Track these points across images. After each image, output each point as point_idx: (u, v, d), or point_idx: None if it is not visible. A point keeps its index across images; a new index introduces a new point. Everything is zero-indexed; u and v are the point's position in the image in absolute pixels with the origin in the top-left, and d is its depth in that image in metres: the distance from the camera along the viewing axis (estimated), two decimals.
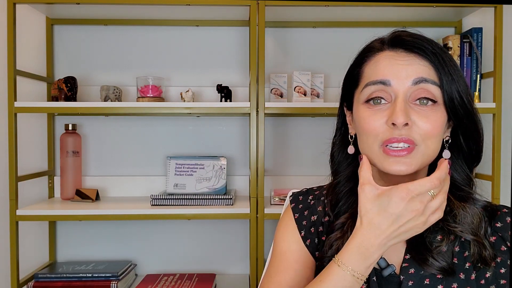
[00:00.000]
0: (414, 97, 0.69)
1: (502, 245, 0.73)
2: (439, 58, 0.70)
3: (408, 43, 0.71)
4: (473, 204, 0.73)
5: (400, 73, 0.70)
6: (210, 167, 1.63)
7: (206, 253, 1.76)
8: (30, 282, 1.51)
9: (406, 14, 1.62)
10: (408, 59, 0.70)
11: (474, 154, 0.75)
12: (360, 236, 0.67)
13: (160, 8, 1.55)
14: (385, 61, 0.71)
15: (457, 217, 0.72)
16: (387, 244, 0.66)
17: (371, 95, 0.71)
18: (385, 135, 0.69)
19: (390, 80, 0.70)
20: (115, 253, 1.74)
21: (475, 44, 1.55)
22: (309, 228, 0.83)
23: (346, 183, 0.80)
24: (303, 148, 1.76)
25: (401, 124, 0.67)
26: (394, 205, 0.65)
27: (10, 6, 1.41)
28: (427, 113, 0.69)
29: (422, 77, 0.69)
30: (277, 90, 1.61)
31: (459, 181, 0.75)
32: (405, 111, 0.67)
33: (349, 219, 0.77)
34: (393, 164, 0.69)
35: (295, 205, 0.87)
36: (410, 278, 0.71)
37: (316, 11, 1.59)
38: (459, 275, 0.71)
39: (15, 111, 1.42)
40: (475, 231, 0.71)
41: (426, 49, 0.70)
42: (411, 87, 0.69)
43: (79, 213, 1.45)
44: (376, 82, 0.71)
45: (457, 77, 0.71)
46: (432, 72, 0.70)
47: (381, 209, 0.66)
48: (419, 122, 0.68)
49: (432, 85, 0.69)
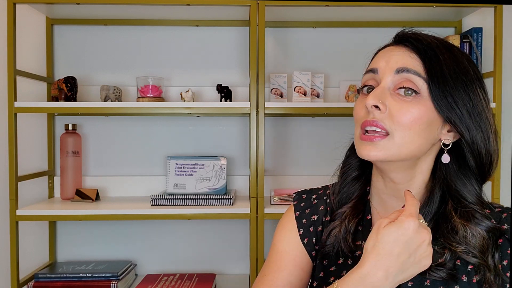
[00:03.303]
0: (397, 86, 0.70)
1: (508, 247, 0.71)
2: (430, 53, 0.70)
3: (406, 37, 0.73)
4: (476, 224, 0.69)
5: (388, 62, 0.72)
6: (210, 167, 1.63)
7: (206, 253, 1.76)
8: (30, 282, 1.52)
9: (406, 14, 1.62)
10: (399, 50, 0.72)
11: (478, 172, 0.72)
12: (368, 265, 0.63)
13: (160, 8, 1.55)
14: (381, 53, 0.75)
15: (459, 235, 0.69)
16: (396, 279, 0.63)
17: (364, 83, 0.75)
18: (362, 119, 0.71)
19: (377, 68, 0.73)
20: (115, 253, 1.74)
21: (475, 44, 1.55)
22: (308, 227, 0.84)
23: (353, 171, 0.82)
24: (303, 148, 1.76)
25: (369, 105, 0.69)
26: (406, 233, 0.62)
27: (10, 6, 1.41)
28: (406, 103, 0.69)
29: (404, 67, 0.70)
30: (277, 90, 1.61)
31: (464, 195, 0.71)
32: (378, 96, 0.69)
33: (349, 208, 0.79)
34: (363, 148, 0.71)
35: (298, 203, 0.88)
36: (410, 279, 0.71)
37: (316, 11, 1.59)
38: (461, 278, 0.70)
39: (15, 111, 1.42)
40: (477, 252, 0.69)
41: (417, 42, 0.71)
42: (394, 75, 0.71)
43: (79, 213, 1.45)
44: (368, 71, 0.75)
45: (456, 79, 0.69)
46: (419, 65, 0.70)
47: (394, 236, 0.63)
48: (393, 110, 0.69)
49: (415, 76, 0.69)
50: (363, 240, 0.78)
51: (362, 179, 0.82)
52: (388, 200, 0.78)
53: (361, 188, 0.81)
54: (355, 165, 0.81)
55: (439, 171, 0.74)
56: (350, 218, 0.78)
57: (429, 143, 0.71)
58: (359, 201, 0.80)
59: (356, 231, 0.79)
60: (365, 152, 0.70)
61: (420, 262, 0.64)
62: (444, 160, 0.72)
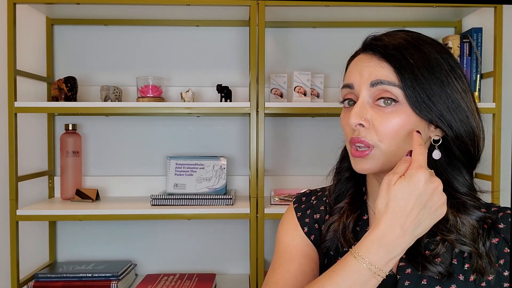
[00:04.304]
0: (375, 97, 0.71)
1: (505, 247, 0.71)
2: (400, 59, 0.69)
3: (374, 46, 0.72)
4: (467, 214, 0.70)
5: (361, 76, 0.72)
6: (210, 167, 1.63)
7: (206, 253, 1.76)
8: (30, 282, 1.52)
9: (406, 14, 1.62)
10: (370, 61, 0.72)
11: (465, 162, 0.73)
12: (383, 225, 0.63)
13: (160, 8, 1.55)
14: (354, 65, 0.75)
15: (450, 224, 0.70)
16: (413, 233, 0.63)
17: (344, 97, 0.76)
18: (349, 135, 0.74)
19: (353, 83, 0.74)
20: (115, 253, 1.74)
21: (475, 44, 1.55)
22: (313, 225, 0.84)
23: (346, 171, 0.83)
24: (303, 148, 1.76)
25: (353, 125, 0.71)
26: (417, 186, 0.63)
27: (10, 6, 1.41)
28: (385, 113, 0.69)
29: (378, 79, 0.70)
30: (277, 90, 1.61)
31: (455, 186, 0.72)
32: (359, 113, 0.70)
33: (346, 204, 0.81)
34: (356, 164, 0.73)
35: (298, 205, 0.89)
36: (407, 278, 0.71)
37: (316, 11, 1.59)
38: (458, 276, 0.70)
39: (15, 111, 1.42)
40: (468, 240, 0.69)
41: (386, 50, 0.70)
42: (370, 89, 0.71)
43: (79, 213, 1.45)
44: (344, 85, 0.76)
45: (428, 78, 0.68)
46: (391, 73, 0.69)
47: (407, 191, 0.63)
48: (376, 123, 0.70)
49: (390, 86, 0.69)
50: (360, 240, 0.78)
51: (355, 178, 0.83)
52: None
53: (355, 186, 0.83)
54: (347, 167, 0.83)
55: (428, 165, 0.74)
56: (348, 214, 0.79)
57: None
58: (355, 198, 0.82)
59: (354, 231, 0.79)
60: (359, 167, 0.73)
61: (436, 211, 0.64)
62: (435, 157, 0.72)
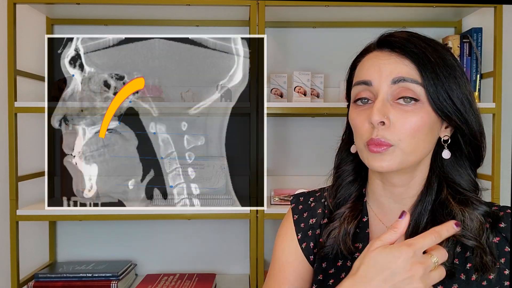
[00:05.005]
0: (396, 95, 0.70)
1: (506, 245, 0.72)
2: (422, 57, 0.69)
3: (392, 42, 0.72)
4: (473, 209, 0.71)
5: (381, 72, 0.70)
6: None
7: (206, 253, 1.76)
8: (30, 282, 1.51)
9: (406, 14, 1.62)
10: (390, 58, 0.71)
11: (473, 159, 0.74)
12: (345, 285, 0.62)
13: (160, 8, 1.55)
14: (370, 61, 0.73)
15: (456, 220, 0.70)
16: None
17: (357, 95, 0.73)
18: (366, 135, 0.71)
19: (371, 80, 0.71)
20: (115, 253, 1.74)
21: (475, 44, 1.55)
22: (306, 232, 0.84)
23: (348, 175, 0.82)
24: (303, 148, 1.76)
25: (376, 122, 0.68)
26: (387, 258, 0.59)
27: (10, 6, 1.41)
28: (406, 112, 0.69)
29: (400, 76, 0.69)
30: (277, 90, 1.61)
31: (460, 183, 0.73)
32: (381, 110, 0.68)
33: (347, 209, 0.79)
34: (374, 161, 0.70)
35: (295, 206, 0.88)
36: None
37: (316, 11, 1.59)
38: (459, 276, 0.70)
39: (15, 111, 1.42)
40: (474, 236, 0.70)
41: (407, 47, 0.70)
42: (391, 86, 0.70)
43: (79, 213, 1.45)
44: (360, 82, 0.73)
45: (448, 77, 0.69)
46: (413, 70, 0.69)
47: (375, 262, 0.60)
48: (397, 122, 0.69)
49: (412, 84, 0.69)
50: (360, 242, 0.78)
51: (357, 181, 0.82)
52: (385, 202, 0.78)
53: (357, 190, 0.82)
54: (349, 170, 0.82)
55: (435, 164, 0.75)
56: (349, 220, 0.78)
57: (432, 145, 0.73)
58: (356, 203, 0.81)
59: (353, 233, 0.79)
60: (377, 164, 0.70)
61: None
62: (445, 156, 0.73)
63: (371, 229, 0.79)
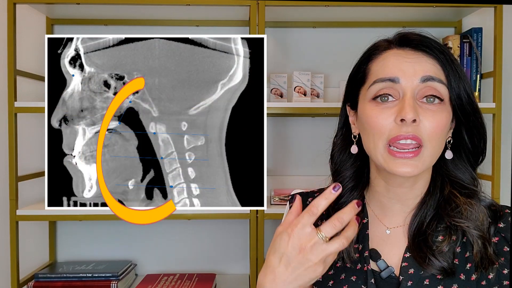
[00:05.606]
0: (422, 94, 0.69)
1: (505, 245, 0.72)
2: (446, 57, 0.71)
3: (415, 41, 0.72)
4: (479, 202, 0.73)
5: (408, 70, 0.70)
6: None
7: (206, 253, 1.76)
8: (30, 282, 1.51)
9: (406, 14, 1.62)
10: (415, 57, 0.71)
11: (479, 151, 0.75)
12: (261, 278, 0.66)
13: (160, 8, 1.55)
14: (393, 59, 0.72)
15: (463, 213, 0.71)
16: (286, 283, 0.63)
17: (379, 92, 0.71)
18: (392, 132, 0.69)
19: (399, 78, 0.70)
20: (115, 253, 1.74)
21: (475, 44, 1.55)
22: None
23: (349, 181, 0.80)
24: (303, 148, 1.76)
25: (410, 119, 0.66)
26: (279, 243, 0.64)
27: (10, 6, 1.41)
28: (433, 111, 0.69)
29: (429, 75, 0.69)
30: (277, 90, 1.61)
31: (464, 180, 0.75)
32: (414, 108, 0.67)
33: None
34: (399, 166, 0.68)
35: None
36: (410, 279, 0.71)
37: (316, 11, 1.59)
38: (459, 276, 0.70)
39: (15, 111, 1.42)
40: (481, 227, 0.71)
41: (433, 47, 0.71)
42: (419, 84, 0.69)
43: (79, 213, 1.45)
44: (384, 79, 0.71)
45: (463, 76, 0.71)
46: (439, 70, 0.70)
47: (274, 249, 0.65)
48: (425, 121, 0.68)
49: (439, 84, 0.69)
50: (360, 243, 0.77)
51: (359, 186, 0.81)
52: (387, 202, 0.78)
53: (359, 195, 0.80)
54: (349, 176, 0.80)
55: (439, 164, 0.75)
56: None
57: (444, 144, 0.74)
58: None
59: None
60: (403, 170, 0.68)
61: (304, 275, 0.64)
62: (448, 156, 0.74)
63: (371, 230, 0.78)
